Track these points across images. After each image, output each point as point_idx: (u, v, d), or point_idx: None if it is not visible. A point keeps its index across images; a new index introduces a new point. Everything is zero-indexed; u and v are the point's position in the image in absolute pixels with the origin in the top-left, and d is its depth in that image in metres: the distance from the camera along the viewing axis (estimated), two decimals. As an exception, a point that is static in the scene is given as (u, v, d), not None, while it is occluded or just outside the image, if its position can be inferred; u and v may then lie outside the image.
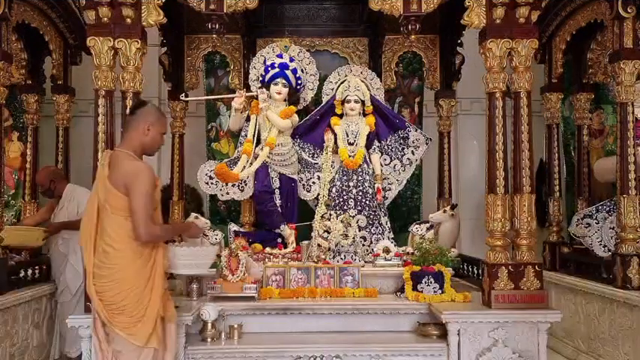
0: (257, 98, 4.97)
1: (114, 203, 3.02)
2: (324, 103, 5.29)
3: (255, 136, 4.89)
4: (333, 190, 5.04)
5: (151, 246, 3.11)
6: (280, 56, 5.11)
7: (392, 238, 4.94)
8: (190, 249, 3.55)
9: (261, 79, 5.12)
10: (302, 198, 5.14)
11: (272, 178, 5.01)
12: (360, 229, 4.88)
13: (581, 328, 5.20)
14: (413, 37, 5.10)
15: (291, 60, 5.10)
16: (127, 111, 3.51)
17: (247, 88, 5.34)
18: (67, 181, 5.38)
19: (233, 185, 5.02)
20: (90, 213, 3.09)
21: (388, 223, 5.13)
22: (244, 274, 4.08)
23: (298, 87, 5.15)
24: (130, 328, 2.99)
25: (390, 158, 5.23)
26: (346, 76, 5.28)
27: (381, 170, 5.17)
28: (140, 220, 2.99)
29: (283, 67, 5.01)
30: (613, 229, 4.95)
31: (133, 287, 3.01)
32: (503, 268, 3.81)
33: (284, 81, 5.01)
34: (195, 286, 4.24)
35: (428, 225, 4.94)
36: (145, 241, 3.05)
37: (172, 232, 3.76)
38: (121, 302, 2.99)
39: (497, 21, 3.85)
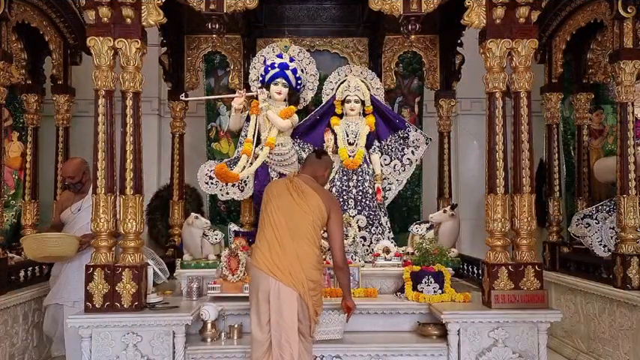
0: (257, 98, 4.96)
1: (321, 223, 3.54)
2: (324, 103, 5.29)
3: (255, 136, 4.88)
4: (333, 190, 5.03)
5: None
6: (280, 56, 5.10)
7: (392, 238, 4.94)
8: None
9: (261, 79, 5.11)
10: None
11: (272, 178, 5.01)
12: (360, 229, 4.88)
13: (581, 328, 5.20)
14: (413, 37, 5.12)
15: (291, 60, 5.09)
16: (314, 154, 3.92)
17: (247, 88, 5.33)
18: None
19: (233, 185, 5.02)
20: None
21: (388, 223, 5.12)
22: (244, 274, 4.08)
23: (298, 87, 5.14)
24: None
25: (390, 158, 5.22)
26: (346, 76, 5.27)
27: (381, 170, 5.17)
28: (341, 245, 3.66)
29: (283, 67, 5.00)
30: (613, 229, 4.96)
31: None
32: (503, 268, 3.82)
33: (284, 81, 5.00)
34: (195, 286, 4.24)
35: (428, 225, 4.94)
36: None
37: None
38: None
39: (497, 21, 3.85)
